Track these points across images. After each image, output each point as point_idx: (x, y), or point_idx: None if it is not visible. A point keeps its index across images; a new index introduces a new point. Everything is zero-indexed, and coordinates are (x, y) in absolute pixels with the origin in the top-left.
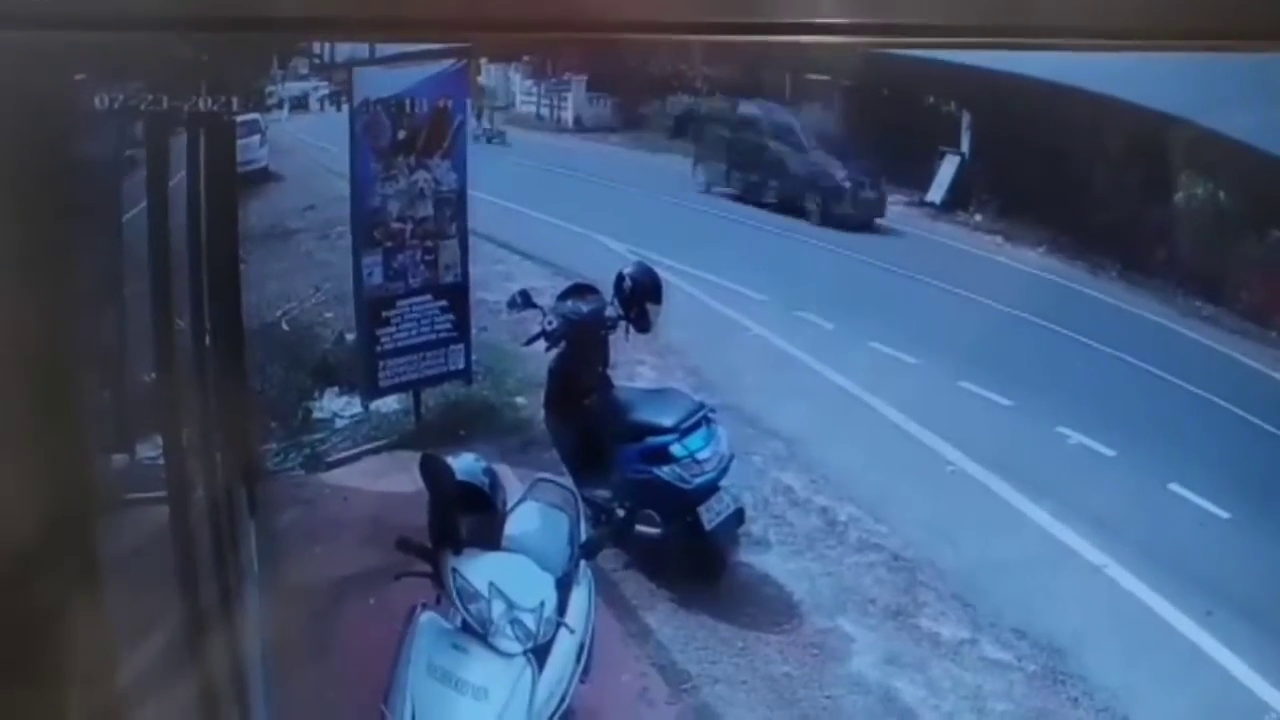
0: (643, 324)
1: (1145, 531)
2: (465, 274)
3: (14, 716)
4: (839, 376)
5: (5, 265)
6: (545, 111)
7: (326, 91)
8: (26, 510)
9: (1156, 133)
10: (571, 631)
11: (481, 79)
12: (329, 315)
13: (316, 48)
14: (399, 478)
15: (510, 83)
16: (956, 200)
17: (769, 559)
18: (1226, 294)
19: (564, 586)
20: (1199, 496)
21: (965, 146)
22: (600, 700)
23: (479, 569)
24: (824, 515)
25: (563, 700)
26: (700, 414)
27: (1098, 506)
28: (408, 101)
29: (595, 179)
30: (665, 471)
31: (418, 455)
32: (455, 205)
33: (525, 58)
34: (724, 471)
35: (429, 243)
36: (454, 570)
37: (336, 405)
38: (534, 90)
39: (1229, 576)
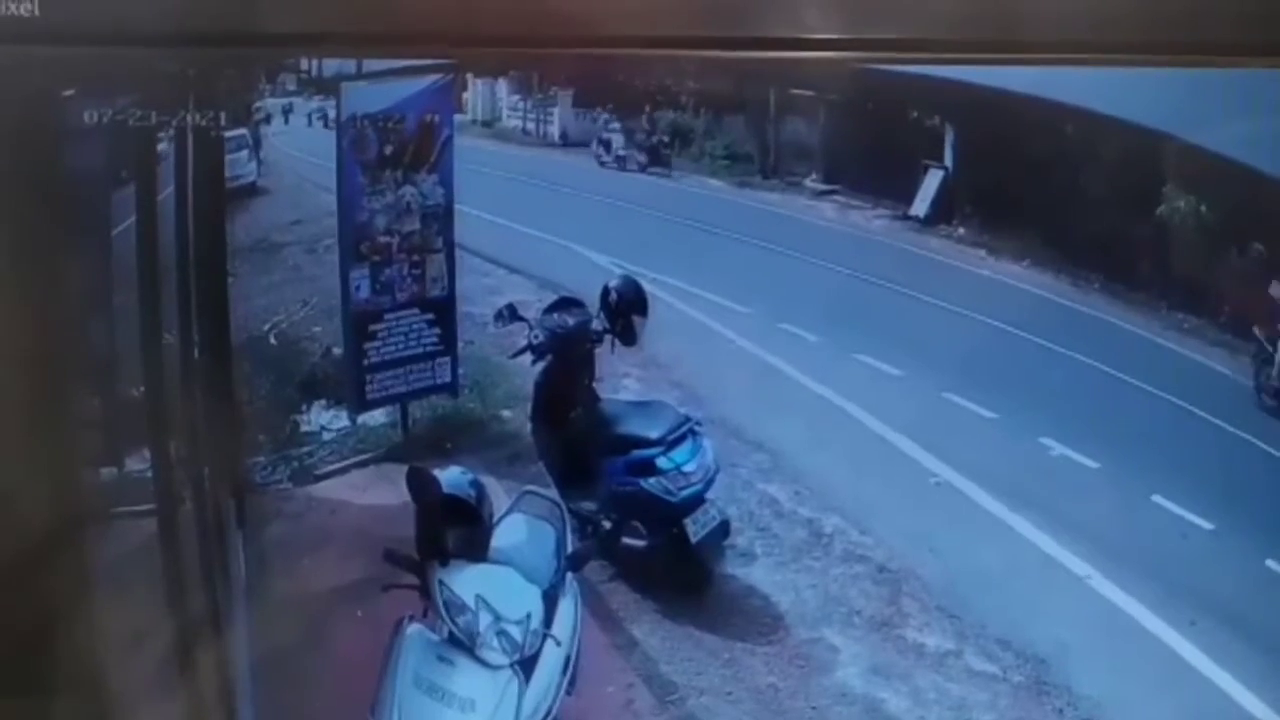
0: (628, 337)
1: (1129, 542)
2: (452, 288)
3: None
4: (824, 389)
5: None
6: (531, 126)
7: (315, 108)
8: (15, 522)
9: (1139, 147)
10: (558, 643)
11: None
12: (316, 329)
13: (304, 63)
14: (386, 490)
15: (497, 98)
16: (940, 214)
17: (755, 570)
18: (1209, 307)
19: (550, 598)
20: (1182, 508)
21: (949, 160)
22: (586, 712)
23: (466, 581)
24: (809, 527)
25: (549, 712)
26: (686, 426)
27: (1081, 518)
28: (394, 117)
29: (581, 193)
30: (651, 484)
31: (405, 468)
32: (442, 219)
33: (512, 72)
34: (710, 484)
35: (416, 257)
36: (441, 582)
37: (324, 418)
38: (520, 105)
39: (1212, 587)
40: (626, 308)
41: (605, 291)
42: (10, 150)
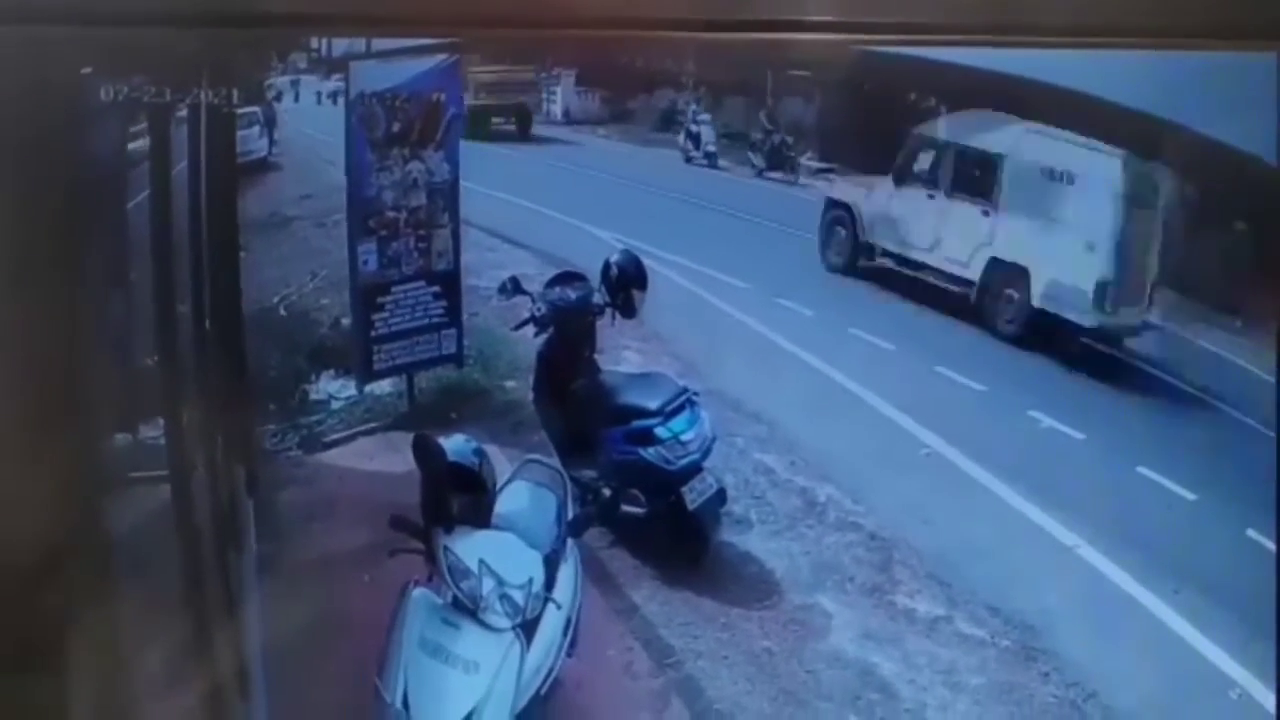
0: (628, 310)
1: (1114, 513)
2: (457, 261)
3: (24, 672)
4: (819, 362)
5: (16, 251)
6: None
7: (325, 86)
8: (36, 487)
9: (1127, 128)
10: (559, 607)
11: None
12: (325, 301)
13: (315, 42)
14: (393, 458)
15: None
16: None
17: (750, 538)
18: (1192, 284)
19: (552, 564)
20: (1166, 479)
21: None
22: (586, 674)
23: (469, 547)
24: (803, 495)
25: (550, 673)
26: (684, 397)
27: (1068, 489)
28: (402, 95)
29: (583, 170)
30: (650, 453)
31: (411, 436)
32: (448, 195)
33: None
34: (707, 453)
35: (422, 231)
36: (445, 548)
37: (332, 388)
38: None
39: (1194, 556)
40: (627, 282)
41: (606, 266)
42: (31, 126)
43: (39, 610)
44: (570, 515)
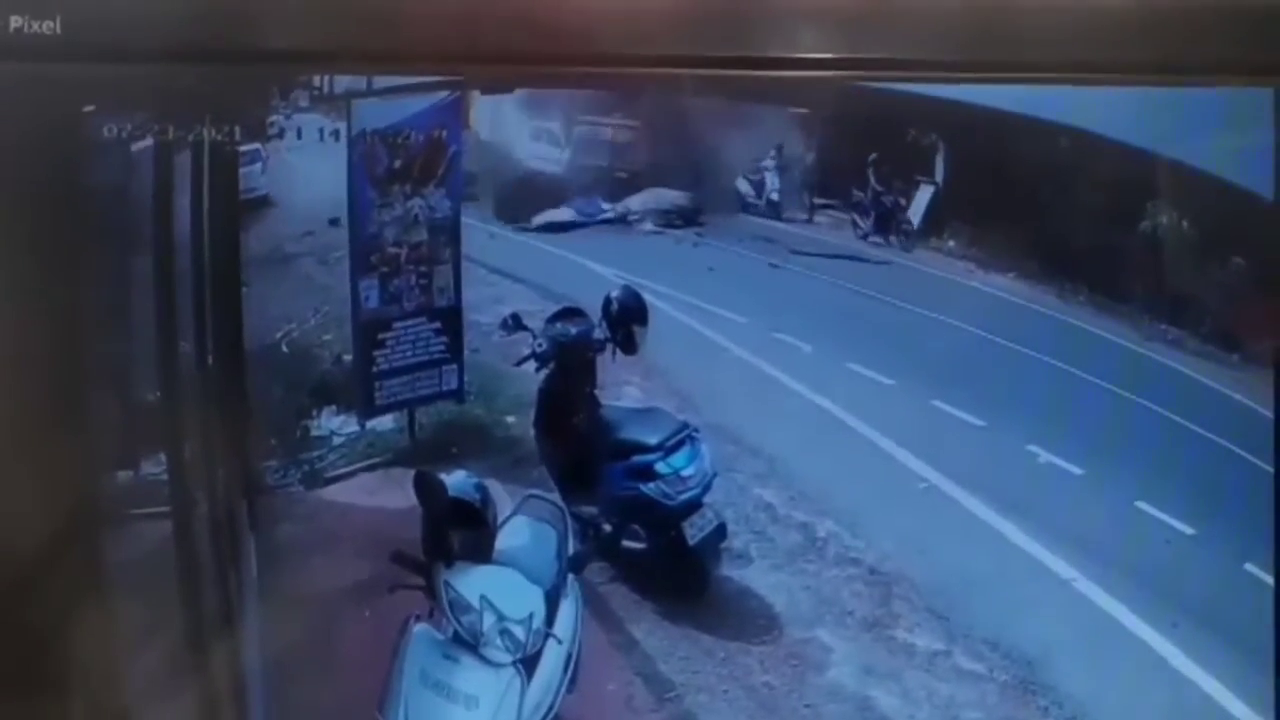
0: (629, 346)
1: (1113, 547)
2: (458, 297)
3: (17, 708)
4: (818, 396)
5: (18, 287)
6: None
7: (327, 123)
8: (36, 524)
9: (1124, 163)
10: (559, 642)
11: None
12: (327, 337)
13: (316, 80)
14: (394, 493)
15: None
16: (930, 228)
17: (750, 573)
18: (1190, 318)
19: (552, 599)
20: (1164, 513)
21: (939, 176)
22: (587, 709)
23: (470, 582)
24: (803, 530)
25: (550, 708)
26: (684, 433)
27: (1067, 523)
28: (404, 132)
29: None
30: (650, 488)
31: (412, 472)
32: (449, 231)
33: (516, 90)
34: (707, 488)
35: (423, 267)
36: (446, 583)
37: (334, 424)
38: None
39: (1193, 590)
40: (627, 317)
41: (607, 301)
42: (33, 165)
43: (39, 645)
44: (571, 550)
